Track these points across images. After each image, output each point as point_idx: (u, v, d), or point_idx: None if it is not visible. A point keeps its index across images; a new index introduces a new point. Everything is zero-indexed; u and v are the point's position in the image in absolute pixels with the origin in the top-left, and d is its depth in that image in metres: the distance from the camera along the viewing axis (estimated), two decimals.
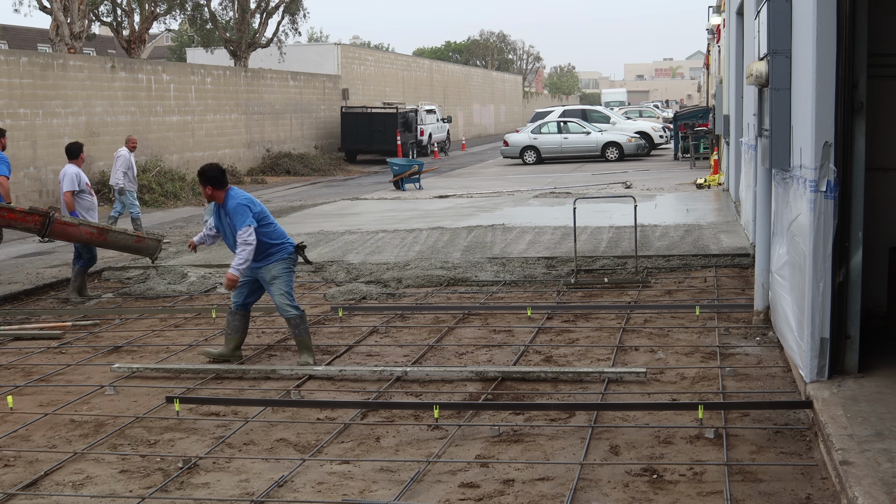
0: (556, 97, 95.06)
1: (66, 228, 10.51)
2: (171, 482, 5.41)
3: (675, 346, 8.02)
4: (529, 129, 35.22)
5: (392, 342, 8.54)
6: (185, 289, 11.43)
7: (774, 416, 6.08)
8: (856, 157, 6.03)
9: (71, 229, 10.54)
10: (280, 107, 36.27)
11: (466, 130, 59.21)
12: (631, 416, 6.22)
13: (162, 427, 6.41)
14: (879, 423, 5.31)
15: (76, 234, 10.59)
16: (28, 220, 10.43)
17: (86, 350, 8.71)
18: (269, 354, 8.32)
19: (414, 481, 5.27)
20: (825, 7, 5.82)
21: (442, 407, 6.32)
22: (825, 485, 5.00)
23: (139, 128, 26.66)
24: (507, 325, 9.02)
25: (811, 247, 6.04)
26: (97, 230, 10.73)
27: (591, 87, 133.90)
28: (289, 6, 38.97)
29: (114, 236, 10.88)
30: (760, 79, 7.19)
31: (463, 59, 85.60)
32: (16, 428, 6.46)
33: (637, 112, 49.54)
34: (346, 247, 13.95)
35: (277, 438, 6.11)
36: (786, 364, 7.24)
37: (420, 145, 39.85)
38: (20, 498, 5.28)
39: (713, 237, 13.39)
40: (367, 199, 21.89)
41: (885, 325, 7.09)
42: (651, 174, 25.45)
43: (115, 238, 10.89)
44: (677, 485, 5.10)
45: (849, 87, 5.92)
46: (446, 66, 64.09)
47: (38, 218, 10.38)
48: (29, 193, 22.18)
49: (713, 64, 31.15)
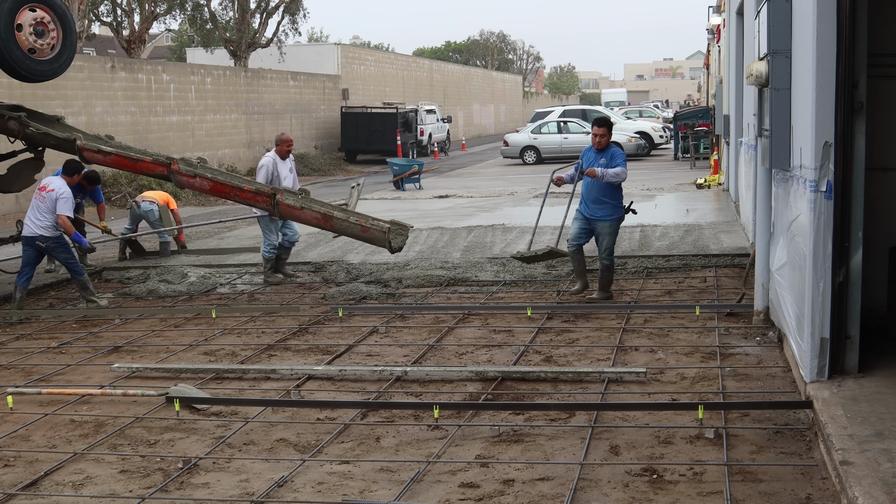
0: (556, 97, 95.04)
1: (292, 211, 10.77)
2: (171, 482, 5.41)
3: (675, 346, 8.02)
4: (529, 129, 35.23)
5: (392, 342, 8.54)
6: (185, 289, 11.42)
7: (774, 416, 6.08)
8: (856, 157, 6.03)
9: (297, 212, 10.78)
10: (280, 107, 36.28)
11: (466, 130, 59.20)
12: (631, 416, 6.22)
13: (162, 427, 6.41)
14: (879, 423, 5.31)
15: (302, 216, 10.82)
16: (257, 199, 10.87)
17: (86, 350, 8.71)
18: (269, 355, 8.32)
19: (414, 481, 5.27)
20: (825, 7, 5.82)
21: (442, 407, 6.32)
22: (825, 485, 5.00)
23: (139, 128, 26.68)
24: (507, 325, 9.02)
25: (811, 247, 6.04)
26: (321, 215, 10.76)
27: (591, 88, 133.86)
28: (289, 6, 38.98)
29: (338, 223, 10.76)
30: (760, 79, 7.19)
31: (463, 59, 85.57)
32: (16, 428, 6.46)
33: (637, 112, 49.56)
34: (346, 247, 13.95)
35: (277, 438, 6.11)
36: (786, 364, 7.24)
37: (420, 145, 39.85)
38: (20, 498, 5.28)
39: (713, 237, 13.39)
40: (367, 199, 21.87)
41: (885, 325, 7.09)
42: (651, 174, 25.44)
43: (339, 224, 10.77)
44: (677, 485, 5.10)
45: (849, 87, 5.92)
46: (446, 66, 64.09)
47: (265, 198, 10.80)
48: (29, 193, 22.16)
49: (713, 64, 31.17)
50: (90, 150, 11.23)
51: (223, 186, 10.99)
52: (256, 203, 10.94)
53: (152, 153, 11.62)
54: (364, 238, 10.71)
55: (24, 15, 10.45)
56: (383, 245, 10.55)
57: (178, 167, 10.98)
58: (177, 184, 11.19)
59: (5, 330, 9.69)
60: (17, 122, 11.24)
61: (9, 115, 11.22)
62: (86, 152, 11.22)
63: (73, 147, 11.26)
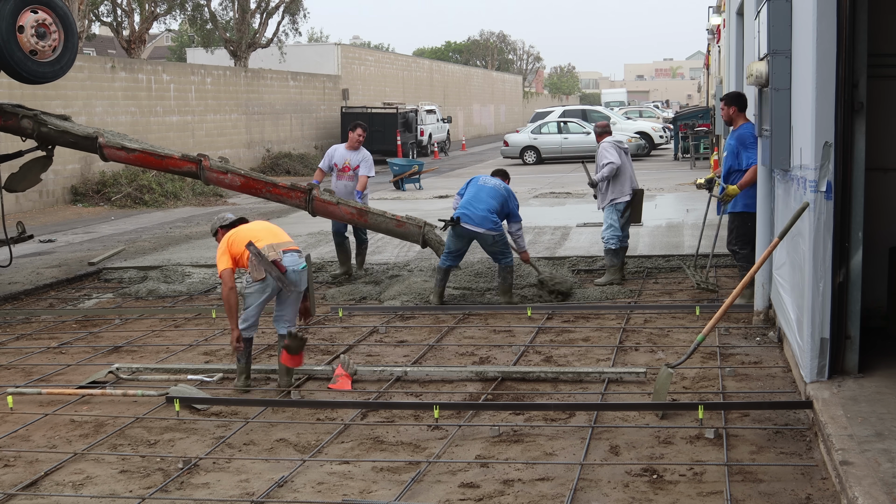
0: (556, 97, 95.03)
1: (327, 207, 10.83)
2: (171, 482, 5.41)
3: (675, 346, 8.02)
4: (529, 129, 35.23)
5: (392, 342, 8.54)
6: (185, 289, 11.42)
7: (774, 417, 6.08)
8: (856, 157, 6.03)
9: (332, 208, 10.85)
10: (280, 107, 36.28)
11: (466, 130, 59.20)
12: (631, 416, 6.22)
13: (162, 427, 6.41)
14: (879, 423, 5.31)
15: (337, 213, 10.89)
16: (292, 195, 10.91)
17: (86, 350, 8.70)
18: (269, 355, 8.32)
19: (414, 481, 5.27)
20: (825, 7, 5.82)
21: (442, 407, 6.31)
22: (825, 485, 5.00)
23: (139, 128, 26.67)
24: (507, 325, 9.02)
25: (811, 247, 6.04)
26: (356, 211, 10.86)
27: (591, 88, 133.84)
28: (289, 6, 38.99)
29: (374, 218, 10.88)
30: (760, 79, 7.19)
31: (463, 59, 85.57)
32: (16, 428, 6.46)
33: (637, 112, 49.56)
34: None
35: (277, 438, 6.11)
36: (786, 364, 7.25)
37: (420, 145, 39.84)
38: (20, 498, 5.28)
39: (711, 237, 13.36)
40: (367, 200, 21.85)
41: (885, 325, 7.09)
42: (651, 174, 25.44)
43: (375, 220, 10.89)
44: (677, 485, 5.10)
45: (849, 88, 5.92)
46: (446, 66, 64.08)
47: (300, 194, 10.83)
48: (29, 193, 22.17)
49: (713, 64, 31.16)
50: (112, 148, 11.12)
51: (256, 182, 11.04)
52: (290, 199, 10.94)
53: (179, 151, 11.60)
54: (399, 233, 10.96)
55: (26, 17, 10.41)
56: (417, 241, 10.87)
57: (210, 164, 10.97)
58: (205, 181, 11.12)
59: (5, 330, 9.70)
60: (32, 121, 11.12)
61: (23, 112, 11.12)
62: (107, 150, 11.11)
63: (93, 145, 11.16)
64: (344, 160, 11.52)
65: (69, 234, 18.01)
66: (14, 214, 21.31)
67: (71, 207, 22.95)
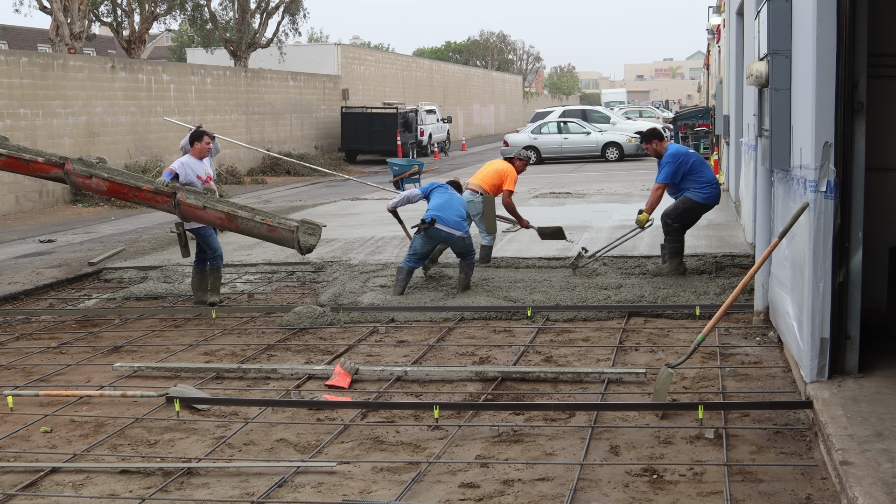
0: (557, 97, 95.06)
1: (195, 211, 9.90)
2: (171, 482, 5.41)
3: (674, 346, 8.02)
4: (529, 129, 35.24)
5: (392, 342, 8.54)
6: (186, 289, 11.41)
7: (774, 417, 6.08)
8: (856, 157, 6.03)
9: (199, 212, 9.89)
10: (280, 107, 36.28)
11: (466, 131, 59.21)
12: (631, 417, 6.22)
13: (162, 427, 6.41)
14: (879, 423, 5.31)
15: (205, 217, 9.94)
16: (158, 200, 10.03)
17: (86, 350, 8.70)
18: (269, 355, 8.32)
19: (414, 481, 5.27)
20: (825, 7, 5.82)
21: (442, 407, 6.31)
22: (825, 485, 5.00)
23: (139, 128, 26.69)
24: (507, 325, 9.02)
25: (811, 247, 6.04)
26: (226, 215, 9.86)
27: (591, 88, 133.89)
28: (289, 6, 39.00)
29: (244, 223, 9.83)
30: (760, 79, 7.19)
31: (463, 59, 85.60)
32: (16, 428, 6.46)
33: (637, 112, 49.57)
34: (347, 247, 13.94)
35: (277, 439, 6.11)
36: (786, 364, 7.25)
37: (420, 145, 39.85)
38: (20, 498, 5.28)
39: (713, 237, 13.38)
40: (367, 200, 21.89)
41: (885, 325, 7.10)
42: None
43: (245, 225, 9.85)
44: (677, 485, 5.10)
45: (849, 88, 5.92)
46: (446, 66, 64.09)
47: (166, 199, 9.94)
48: (29, 193, 22.20)
49: (713, 64, 31.16)
50: None
51: (121, 187, 10.12)
52: (158, 204, 10.11)
53: (46, 153, 10.78)
54: (271, 238, 9.80)
55: None
56: (292, 245, 9.63)
57: (73, 167, 10.17)
58: (72, 185, 10.50)
59: (5, 330, 9.70)
60: None
61: None
62: None
63: None
64: (205, 172, 10.55)
65: (69, 234, 18.01)
66: (14, 215, 21.35)
67: (71, 207, 22.96)
